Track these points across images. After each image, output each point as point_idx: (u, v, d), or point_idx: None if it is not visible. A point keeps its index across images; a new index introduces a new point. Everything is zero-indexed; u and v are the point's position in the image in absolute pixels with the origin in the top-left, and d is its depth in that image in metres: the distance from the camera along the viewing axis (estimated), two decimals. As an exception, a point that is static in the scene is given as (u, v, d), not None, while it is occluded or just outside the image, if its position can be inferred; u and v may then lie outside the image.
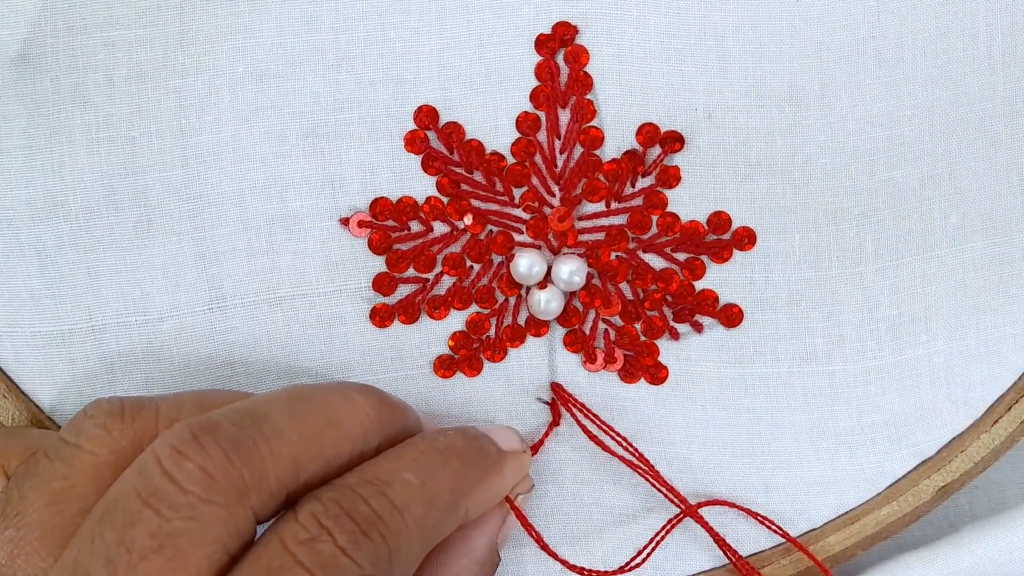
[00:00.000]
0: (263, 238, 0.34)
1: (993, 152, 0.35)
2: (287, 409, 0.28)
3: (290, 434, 0.27)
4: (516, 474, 0.32)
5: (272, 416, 0.27)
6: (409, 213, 0.35)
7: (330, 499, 0.26)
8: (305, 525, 0.25)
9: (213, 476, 0.25)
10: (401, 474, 0.28)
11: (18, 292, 0.34)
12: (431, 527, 0.28)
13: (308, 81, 0.34)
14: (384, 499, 0.27)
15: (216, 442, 0.26)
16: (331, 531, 0.25)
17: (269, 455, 0.26)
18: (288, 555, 0.25)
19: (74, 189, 0.34)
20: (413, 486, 0.27)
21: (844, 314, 0.35)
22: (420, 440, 0.30)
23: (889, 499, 0.35)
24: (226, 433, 0.26)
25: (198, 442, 0.26)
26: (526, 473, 0.33)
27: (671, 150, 0.35)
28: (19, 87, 0.34)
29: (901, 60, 0.35)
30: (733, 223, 0.35)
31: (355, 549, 0.25)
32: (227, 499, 0.25)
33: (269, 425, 0.27)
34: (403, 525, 0.27)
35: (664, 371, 0.35)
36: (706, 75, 0.34)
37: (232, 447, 0.26)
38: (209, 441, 0.26)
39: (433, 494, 0.28)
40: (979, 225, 0.35)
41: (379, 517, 0.26)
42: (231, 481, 0.25)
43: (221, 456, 0.25)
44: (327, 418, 0.28)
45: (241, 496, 0.25)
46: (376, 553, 0.26)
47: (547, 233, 0.35)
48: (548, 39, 0.34)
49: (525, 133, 0.34)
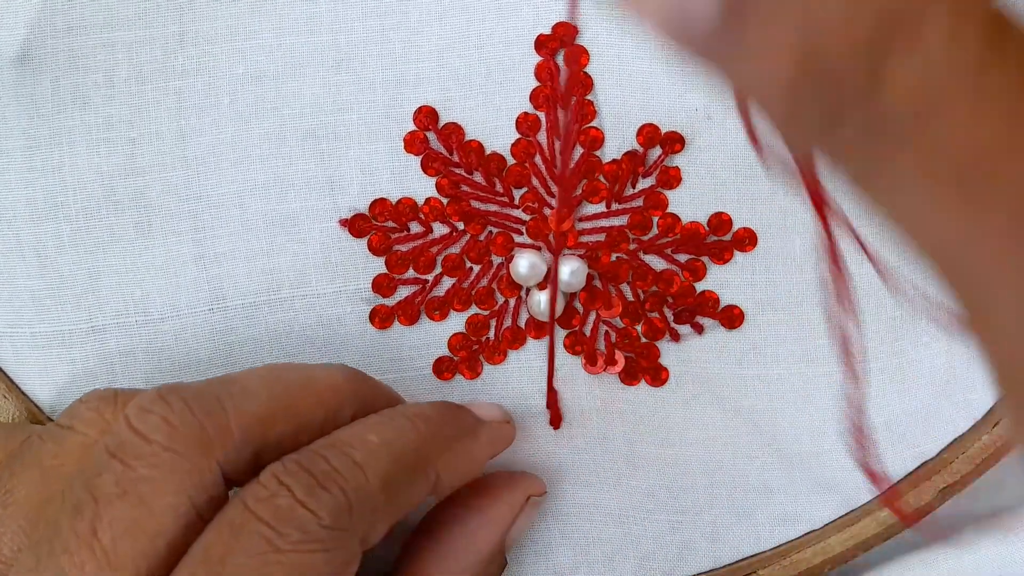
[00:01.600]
0: (263, 239, 0.35)
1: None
2: (257, 374, 0.29)
3: (258, 392, 0.28)
4: (495, 444, 0.32)
5: (240, 378, 0.28)
6: (409, 214, 0.35)
7: (291, 459, 0.26)
8: (266, 484, 0.26)
9: (175, 426, 0.26)
10: (365, 436, 0.28)
11: (18, 292, 0.34)
12: (395, 486, 0.28)
13: (308, 82, 0.35)
14: (345, 457, 0.27)
15: (180, 397, 0.27)
16: (290, 487, 0.26)
17: (234, 410, 0.27)
18: (248, 512, 0.25)
19: (74, 190, 0.34)
20: (376, 445, 0.28)
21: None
22: (390, 408, 0.30)
23: (890, 501, 0.36)
24: (191, 390, 0.27)
25: (163, 399, 0.27)
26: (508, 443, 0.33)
27: (672, 151, 0.35)
28: (19, 88, 0.34)
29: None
30: (734, 224, 0.35)
31: (313, 500, 0.25)
32: (189, 448, 0.26)
33: (236, 385, 0.28)
34: (363, 480, 0.27)
35: (665, 373, 0.36)
36: (707, 75, 0.35)
37: (195, 400, 0.27)
38: (174, 397, 0.27)
39: (397, 453, 0.28)
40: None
41: (338, 472, 0.26)
42: (193, 431, 0.26)
43: (183, 408, 0.26)
44: (298, 382, 0.29)
45: (204, 447, 0.26)
46: (335, 504, 0.26)
47: (547, 234, 0.35)
48: (548, 39, 0.35)
49: (525, 134, 0.35)
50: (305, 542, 0.25)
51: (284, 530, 0.25)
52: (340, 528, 0.25)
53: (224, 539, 0.25)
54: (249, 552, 0.24)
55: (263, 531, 0.25)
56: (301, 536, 0.25)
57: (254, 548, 0.24)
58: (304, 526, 0.25)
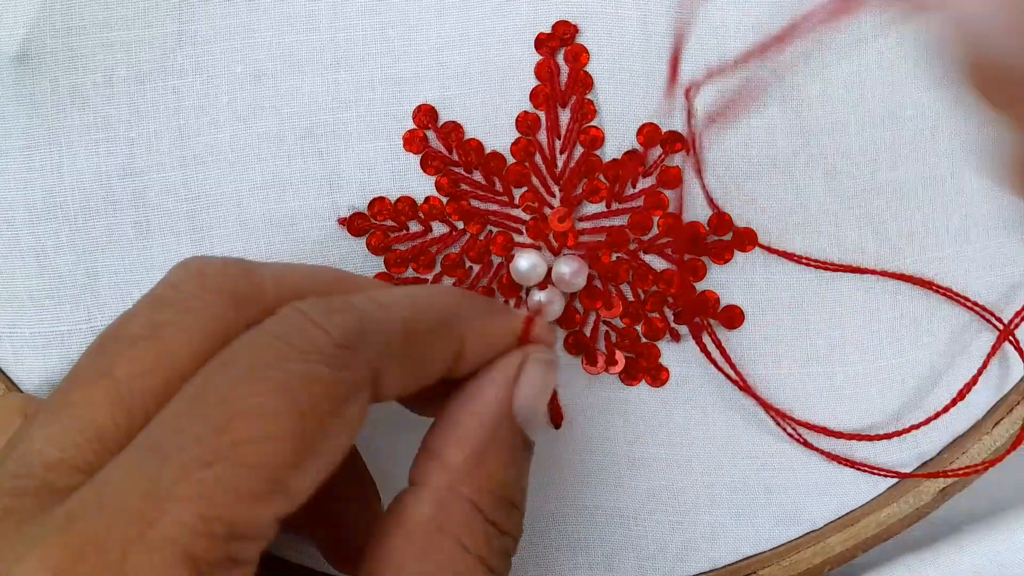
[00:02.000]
0: (261, 239, 0.35)
1: (995, 152, 0.35)
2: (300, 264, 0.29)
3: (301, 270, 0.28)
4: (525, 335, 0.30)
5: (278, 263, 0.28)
6: (408, 213, 0.35)
7: (313, 298, 0.26)
8: (283, 311, 0.25)
9: (207, 275, 0.26)
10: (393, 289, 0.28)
11: (17, 293, 0.35)
12: (416, 330, 0.27)
13: (306, 81, 0.35)
14: (366, 296, 0.26)
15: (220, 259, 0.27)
16: (304, 311, 0.25)
17: (270, 276, 0.27)
18: (260, 332, 0.25)
19: (73, 190, 0.34)
20: (401, 295, 0.27)
21: (845, 315, 0.35)
22: None
23: (890, 501, 0.36)
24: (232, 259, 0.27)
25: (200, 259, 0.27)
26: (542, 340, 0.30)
27: (672, 150, 0.35)
28: (18, 88, 0.34)
29: (903, 59, 0.35)
30: (734, 224, 0.35)
31: (324, 318, 0.25)
32: (219, 299, 0.26)
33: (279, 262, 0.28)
34: (380, 313, 0.26)
35: (665, 373, 0.36)
36: (707, 75, 0.35)
37: (233, 262, 0.27)
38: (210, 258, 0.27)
39: (423, 305, 0.27)
40: (981, 226, 0.36)
41: (354, 306, 0.26)
42: (226, 283, 0.26)
43: (219, 264, 0.27)
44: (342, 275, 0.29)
45: (235, 300, 0.26)
46: (347, 324, 0.25)
47: (547, 234, 0.35)
48: (548, 38, 0.35)
49: (525, 133, 0.35)
50: (311, 353, 0.24)
51: (293, 340, 0.24)
52: (350, 348, 0.24)
53: (232, 349, 0.24)
54: (254, 357, 0.24)
55: (271, 342, 0.24)
56: (308, 347, 0.24)
57: (260, 354, 0.24)
58: (312, 339, 0.24)
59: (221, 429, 0.22)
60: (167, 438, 0.23)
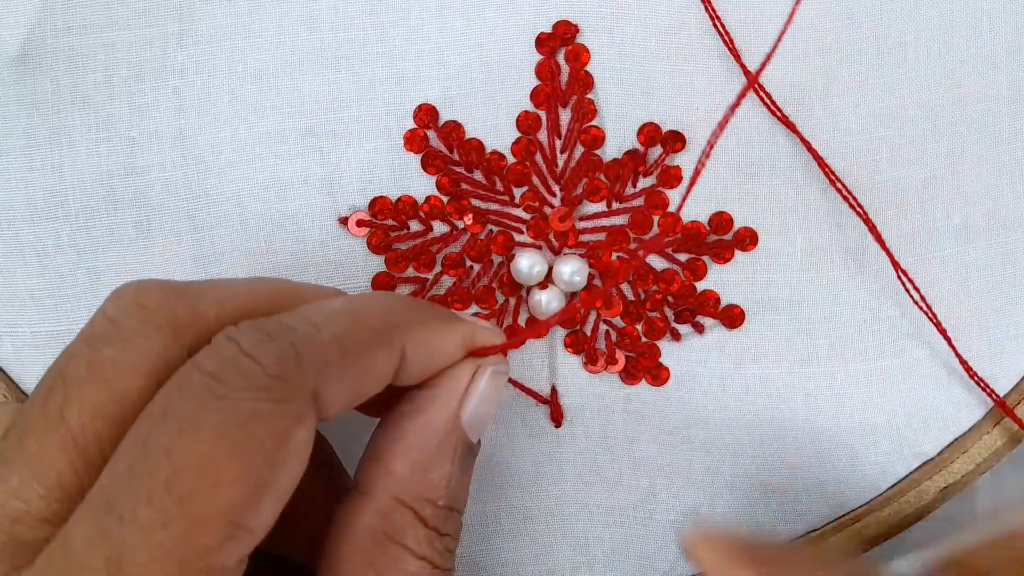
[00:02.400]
0: (262, 238, 0.35)
1: (996, 152, 0.36)
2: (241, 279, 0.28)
3: (241, 287, 0.27)
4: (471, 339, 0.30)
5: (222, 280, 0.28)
6: (408, 212, 0.35)
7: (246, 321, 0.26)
8: (216, 342, 0.25)
9: (146, 307, 0.26)
10: (328, 301, 0.27)
11: (18, 292, 0.35)
12: (353, 346, 0.26)
13: (307, 80, 0.35)
14: (300, 316, 0.26)
15: (157, 284, 0.26)
16: (238, 341, 0.25)
17: (213, 299, 0.26)
18: (193, 366, 0.24)
19: (74, 189, 0.34)
20: (337, 308, 0.27)
21: (846, 315, 0.36)
22: None
23: (890, 500, 0.36)
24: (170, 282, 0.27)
25: (139, 287, 0.26)
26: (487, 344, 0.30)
27: (672, 150, 0.35)
28: (19, 88, 0.34)
29: (904, 59, 0.35)
30: (735, 223, 0.35)
31: (257, 349, 0.24)
32: (159, 331, 0.25)
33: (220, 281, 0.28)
34: (316, 334, 0.25)
35: (665, 372, 0.36)
36: (707, 74, 0.35)
37: (171, 287, 0.26)
38: (149, 284, 0.26)
39: (359, 316, 0.27)
40: (982, 226, 0.36)
41: (290, 327, 0.25)
42: (164, 314, 0.26)
43: (158, 292, 0.26)
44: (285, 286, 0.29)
45: (175, 331, 0.26)
46: (280, 353, 0.24)
47: (548, 233, 0.35)
48: (549, 38, 0.35)
49: (525, 132, 0.35)
50: (247, 389, 0.24)
51: (227, 378, 0.24)
52: (287, 378, 0.24)
53: (168, 392, 0.24)
54: (191, 402, 0.23)
55: (206, 381, 0.24)
56: (244, 384, 0.24)
57: (197, 397, 0.23)
58: (247, 373, 0.24)
59: (170, 485, 0.22)
60: (122, 497, 0.23)
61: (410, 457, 0.28)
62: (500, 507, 0.36)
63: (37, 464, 0.24)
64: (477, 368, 0.30)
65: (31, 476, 0.24)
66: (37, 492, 0.24)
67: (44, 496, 0.24)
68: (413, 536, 0.28)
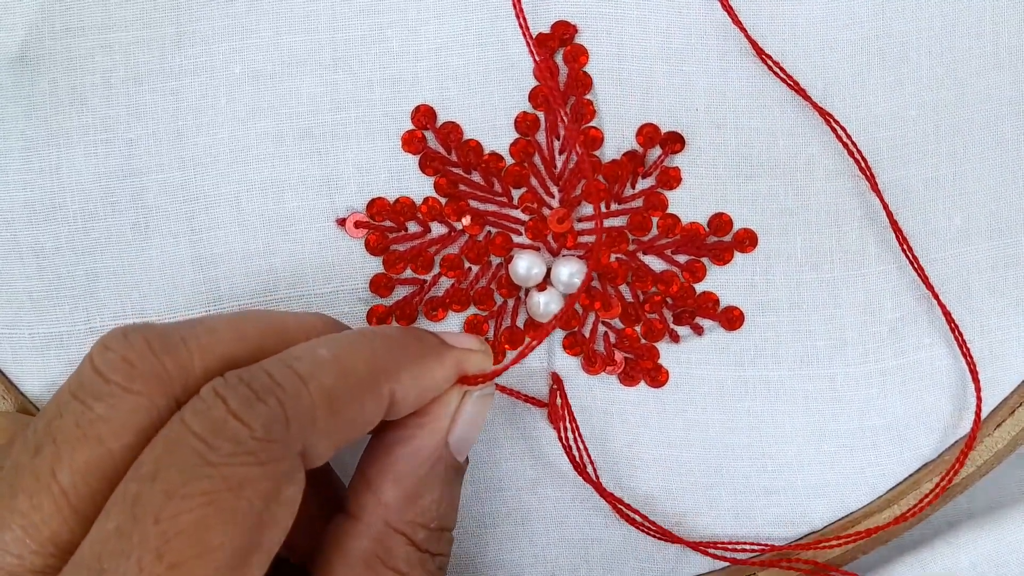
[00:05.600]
0: (260, 239, 0.35)
1: (999, 153, 0.36)
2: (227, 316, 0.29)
3: (224, 332, 0.28)
4: (461, 367, 0.31)
5: (208, 319, 0.28)
6: (407, 214, 0.36)
7: (233, 373, 0.26)
8: (204, 397, 0.26)
9: (133, 364, 0.26)
10: (315, 349, 0.28)
11: (17, 294, 0.35)
12: (340, 399, 0.27)
13: (305, 81, 0.35)
14: (287, 369, 0.27)
15: (142, 335, 0.27)
16: (226, 399, 0.25)
17: (197, 348, 0.27)
18: (183, 427, 0.25)
19: (72, 191, 0.35)
20: (324, 359, 0.27)
21: (846, 317, 0.36)
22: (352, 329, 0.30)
23: (890, 502, 0.36)
24: (155, 329, 0.27)
25: (126, 337, 0.27)
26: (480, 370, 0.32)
27: (671, 151, 0.35)
28: (17, 89, 0.35)
29: (906, 60, 0.35)
30: (734, 225, 0.36)
31: (246, 411, 0.25)
32: (148, 387, 0.26)
33: (203, 325, 0.28)
34: (303, 391, 0.26)
35: (664, 374, 0.36)
36: (707, 75, 0.35)
37: (157, 338, 0.27)
38: (136, 335, 0.27)
39: (346, 367, 0.28)
40: (984, 227, 0.36)
41: (277, 384, 0.26)
42: (152, 369, 0.26)
43: (143, 346, 0.26)
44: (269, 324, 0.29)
45: (163, 385, 0.26)
46: (269, 415, 0.25)
47: (546, 234, 0.36)
48: (547, 38, 0.35)
49: (524, 133, 0.35)
50: (237, 454, 0.24)
51: (216, 443, 0.24)
52: (275, 440, 0.25)
53: (157, 455, 0.25)
54: (180, 466, 0.24)
55: (195, 445, 0.24)
56: (233, 448, 0.24)
57: (186, 462, 0.24)
58: (236, 437, 0.25)
59: (160, 552, 0.23)
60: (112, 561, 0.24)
61: (401, 485, 0.30)
62: (499, 509, 0.37)
63: (29, 521, 0.25)
64: (464, 393, 0.31)
65: (23, 533, 0.25)
66: (30, 547, 0.25)
67: (37, 551, 0.25)
68: (406, 560, 0.29)
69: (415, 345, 0.30)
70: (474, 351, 0.32)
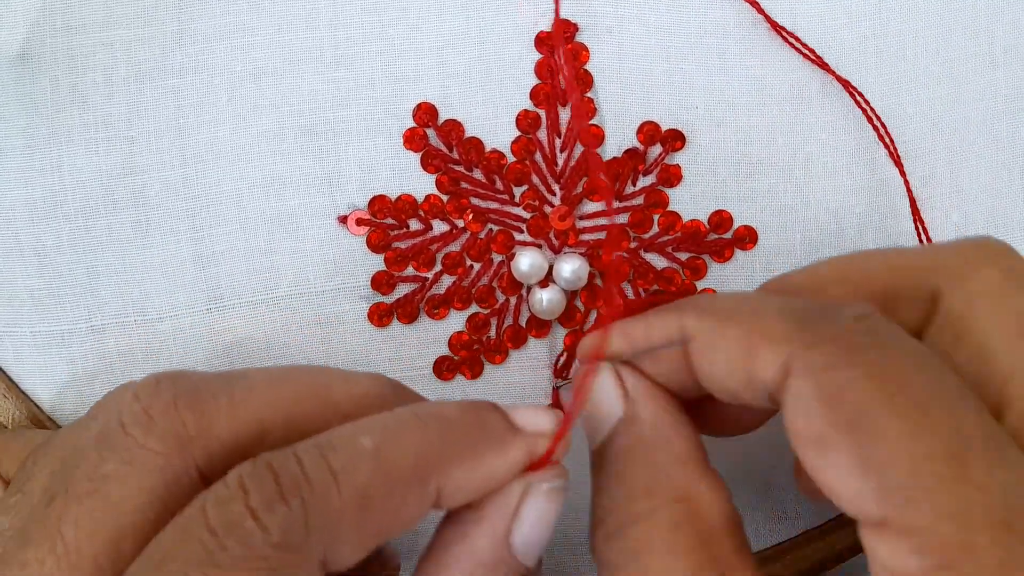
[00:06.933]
0: (261, 237, 0.36)
1: (995, 151, 0.37)
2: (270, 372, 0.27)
3: (264, 391, 0.26)
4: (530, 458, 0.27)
5: (250, 375, 0.27)
6: (408, 211, 0.36)
7: (264, 458, 0.24)
8: (228, 484, 0.24)
9: (153, 419, 0.25)
10: (356, 437, 0.25)
11: (17, 292, 0.35)
12: (376, 499, 0.24)
13: (306, 79, 0.35)
14: (321, 460, 0.24)
15: (171, 387, 0.26)
16: (248, 492, 0.24)
17: (228, 407, 0.26)
18: (201, 515, 0.23)
19: (73, 189, 0.35)
20: (364, 450, 0.24)
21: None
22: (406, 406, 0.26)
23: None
24: (187, 381, 0.26)
25: (156, 387, 0.26)
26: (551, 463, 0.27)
27: (672, 148, 0.36)
28: (18, 87, 0.35)
29: (903, 58, 0.36)
30: (734, 222, 0.36)
31: (266, 512, 0.23)
32: (165, 446, 0.25)
33: (242, 380, 0.26)
34: (333, 492, 0.24)
35: (665, 370, 0.36)
36: (707, 73, 0.36)
37: (184, 393, 0.25)
38: (166, 386, 0.26)
39: (388, 462, 0.24)
40: (981, 223, 0.37)
41: (307, 479, 0.24)
42: (171, 427, 0.25)
43: (168, 400, 0.25)
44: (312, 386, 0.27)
45: (182, 445, 0.25)
46: (289, 520, 0.23)
47: (548, 232, 0.36)
48: (548, 36, 0.35)
49: (525, 131, 0.36)
50: (247, 559, 0.23)
51: (228, 542, 0.23)
52: (291, 549, 0.23)
53: (169, 542, 0.23)
54: (188, 560, 0.23)
55: (206, 539, 0.23)
56: (244, 552, 0.23)
57: (193, 557, 0.23)
58: (249, 541, 0.23)
59: None
60: None
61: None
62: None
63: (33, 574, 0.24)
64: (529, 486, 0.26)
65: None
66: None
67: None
68: None
69: (475, 432, 0.26)
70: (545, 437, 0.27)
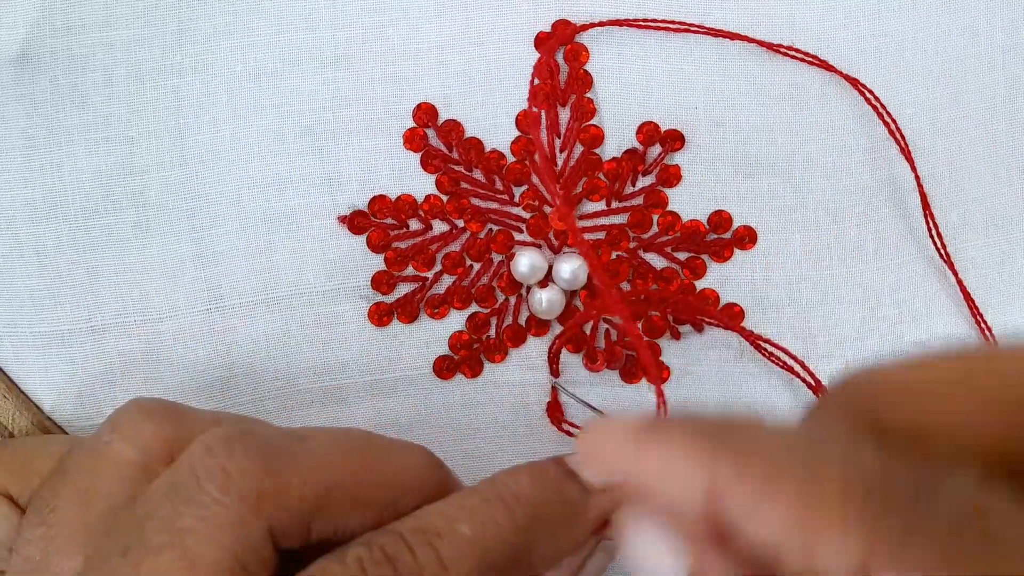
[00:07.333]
0: (261, 237, 0.36)
1: (993, 150, 0.37)
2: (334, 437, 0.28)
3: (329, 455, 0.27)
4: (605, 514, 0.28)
5: (316, 437, 0.27)
6: (408, 211, 0.36)
7: (378, 544, 0.25)
8: (349, 565, 0.25)
9: (232, 476, 0.25)
10: (455, 524, 0.26)
11: (18, 292, 0.35)
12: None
13: (306, 79, 0.35)
14: (431, 551, 0.25)
15: (245, 445, 0.26)
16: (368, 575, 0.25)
17: (300, 471, 0.26)
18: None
19: (73, 189, 0.35)
20: (466, 539, 0.26)
21: (845, 313, 0.37)
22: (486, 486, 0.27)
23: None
24: (261, 438, 0.26)
25: (229, 443, 0.26)
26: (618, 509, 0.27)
27: (672, 149, 0.36)
28: (18, 87, 0.35)
29: (902, 58, 0.36)
30: (734, 222, 0.36)
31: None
32: (242, 503, 0.25)
33: (309, 444, 0.27)
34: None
35: (666, 371, 0.37)
36: (706, 73, 0.36)
37: (259, 452, 0.26)
38: (239, 444, 0.26)
39: (488, 550, 0.26)
40: (979, 223, 0.37)
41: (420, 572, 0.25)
42: (247, 484, 0.25)
43: (244, 457, 0.26)
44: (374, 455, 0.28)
45: (257, 504, 0.25)
46: None
47: (547, 232, 0.36)
48: (548, 37, 0.36)
49: (525, 131, 0.36)
50: None
51: None
52: None
53: None
54: None
55: None
56: None
57: None
58: None
59: None
60: None
61: None
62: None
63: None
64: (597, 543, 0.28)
65: None
66: None
67: None
68: None
69: (558, 509, 0.27)
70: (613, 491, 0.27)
